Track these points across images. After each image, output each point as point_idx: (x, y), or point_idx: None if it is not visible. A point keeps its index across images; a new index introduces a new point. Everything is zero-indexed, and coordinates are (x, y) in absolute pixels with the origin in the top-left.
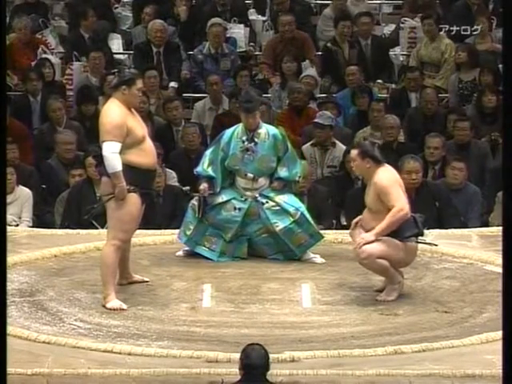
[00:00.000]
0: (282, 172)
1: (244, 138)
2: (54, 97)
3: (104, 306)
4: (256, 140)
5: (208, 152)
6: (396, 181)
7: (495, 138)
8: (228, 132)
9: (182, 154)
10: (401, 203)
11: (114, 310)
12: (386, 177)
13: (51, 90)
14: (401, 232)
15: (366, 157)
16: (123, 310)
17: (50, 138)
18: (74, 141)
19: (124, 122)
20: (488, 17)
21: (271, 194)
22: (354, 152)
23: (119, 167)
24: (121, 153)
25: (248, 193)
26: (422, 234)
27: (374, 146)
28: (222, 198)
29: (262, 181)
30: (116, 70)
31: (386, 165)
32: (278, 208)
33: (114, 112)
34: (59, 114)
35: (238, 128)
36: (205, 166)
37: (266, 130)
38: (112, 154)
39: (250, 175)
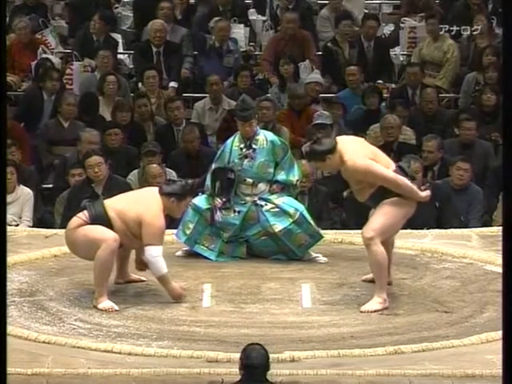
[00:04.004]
0: (280, 176)
1: (242, 146)
2: (69, 92)
3: (95, 307)
4: (254, 146)
5: (213, 165)
6: (364, 155)
7: (495, 139)
8: (227, 143)
9: (183, 153)
10: (388, 179)
11: (106, 310)
12: (355, 160)
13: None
14: None
15: (324, 155)
16: (116, 310)
17: (56, 133)
18: (98, 141)
19: None
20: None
21: (270, 197)
22: (315, 165)
23: (165, 269)
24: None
25: (248, 198)
26: (414, 179)
27: (317, 140)
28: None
29: (262, 186)
30: (169, 179)
31: (339, 140)
32: (277, 210)
33: (161, 217)
34: (73, 108)
35: (236, 137)
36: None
37: (264, 136)
38: (158, 257)
39: (250, 181)
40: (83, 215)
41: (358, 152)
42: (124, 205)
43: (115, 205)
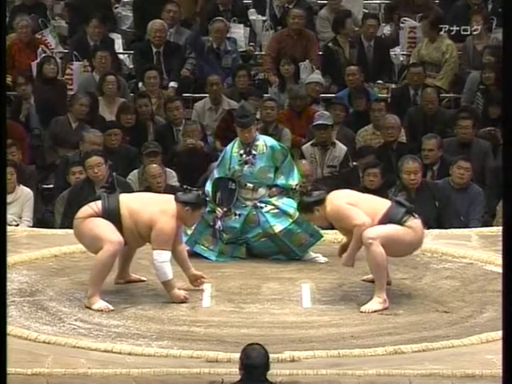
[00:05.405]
0: (280, 180)
1: (242, 152)
2: (84, 93)
3: (88, 307)
4: (254, 152)
5: (215, 172)
6: (342, 201)
7: (494, 134)
8: (227, 150)
9: (184, 149)
10: (358, 220)
11: (101, 310)
12: (334, 204)
13: (52, 88)
14: (393, 219)
15: (313, 206)
16: (111, 310)
17: (63, 132)
18: (101, 142)
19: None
20: (485, 16)
21: (270, 199)
22: (306, 216)
23: (170, 275)
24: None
25: (248, 202)
26: (413, 209)
27: (307, 193)
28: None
29: (262, 191)
30: (185, 187)
31: (331, 194)
32: (277, 211)
33: (172, 223)
34: (85, 109)
35: (235, 142)
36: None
37: (264, 141)
38: (164, 263)
39: (250, 185)
40: (95, 205)
41: (339, 199)
42: (139, 205)
43: (130, 202)
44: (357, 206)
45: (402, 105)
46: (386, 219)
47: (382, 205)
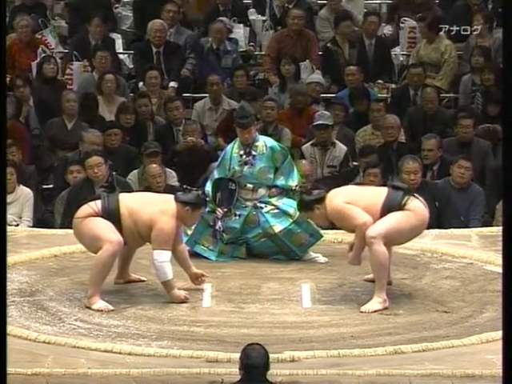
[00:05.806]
0: (279, 181)
1: (241, 152)
2: (69, 90)
3: (88, 307)
4: (254, 153)
5: (215, 172)
6: (341, 200)
7: (494, 130)
8: (227, 150)
9: (183, 148)
10: (359, 219)
11: (101, 310)
12: (333, 203)
13: (52, 88)
14: (394, 204)
15: (313, 205)
16: (111, 310)
17: (58, 134)
18: (101, 142)
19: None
20: (487, 16)
21: (270, 200)
22: (306, 215)
23: (170, 275)
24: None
25: (248, 203)
26: (410, 190)
27: (307, 191)
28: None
29: (262, 191)
30: (185, 187)
31: (331, 192)
32: (277, 211)
33: (172, 223)
34: (74, 105)
35: (235, 143)
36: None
37: (264, 142)
38: (164, 263)
39: (250, 186)
40: (95, 205)
41: (337, 198)
42: (138, 205)
43: (130, 202)
44: (355, 202)
45: (402, 105)
46: (387, 207)
47: (380, 194)
